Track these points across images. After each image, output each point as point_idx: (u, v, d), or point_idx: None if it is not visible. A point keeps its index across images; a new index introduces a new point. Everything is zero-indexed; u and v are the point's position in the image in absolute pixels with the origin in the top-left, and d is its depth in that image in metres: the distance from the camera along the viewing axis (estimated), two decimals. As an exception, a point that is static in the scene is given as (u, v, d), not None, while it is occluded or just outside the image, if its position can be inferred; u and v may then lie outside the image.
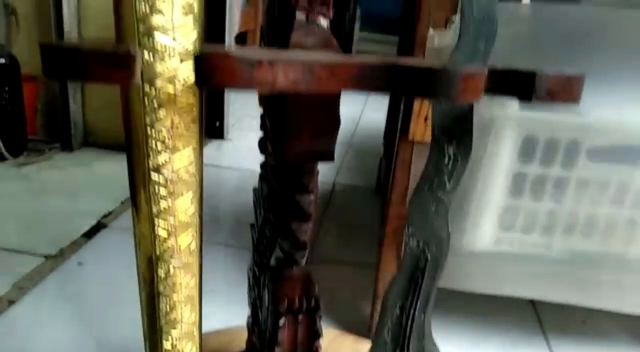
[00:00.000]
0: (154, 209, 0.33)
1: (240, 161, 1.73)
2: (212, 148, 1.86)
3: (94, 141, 1.70)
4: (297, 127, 0.40)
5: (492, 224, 0.78)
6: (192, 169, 0.34)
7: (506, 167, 0.75)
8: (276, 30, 0.44)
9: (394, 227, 0.76)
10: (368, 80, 0.33)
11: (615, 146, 0.73)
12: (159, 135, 0.31)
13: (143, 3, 0.29)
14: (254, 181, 0.57)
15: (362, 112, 2.49)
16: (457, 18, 0.66)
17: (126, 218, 1.24)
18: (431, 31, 0.66)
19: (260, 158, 0.52)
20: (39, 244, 1.09)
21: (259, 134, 0.52)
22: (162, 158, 0.32)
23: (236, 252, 1.16)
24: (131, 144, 0.32)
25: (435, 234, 0.41)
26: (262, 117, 0.51)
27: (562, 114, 0.70)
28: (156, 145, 0.32)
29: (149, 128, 0.31)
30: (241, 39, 2.17)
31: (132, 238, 0.37)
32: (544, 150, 0.73)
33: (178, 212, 0.33)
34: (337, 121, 0.42)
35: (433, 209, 0.40)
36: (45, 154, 1.59)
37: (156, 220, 0.33)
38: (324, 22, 0.41)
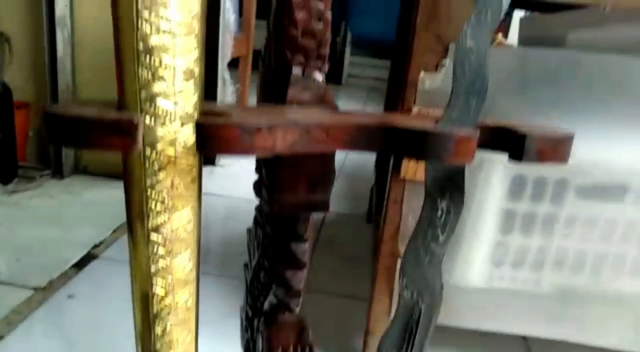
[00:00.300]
0: (152, 268, 0.33)
1: (232, 188, 1.73)
2: (203, 175, 1.85)
3: (84, 168, 1.69)
4: (293, 180, 0.41)
5: (483, 261, 0.79)
6: (190, 227, 0.34)
7: (496, 204, 0.76)
8: (272, 82, 0.45)
9: (386, 264, 0.77)
10: (363, 141, 0.34)
11: (603, 184, 0.75)
12: (158, 196, 0.32)
13: (146, 70, 0.30)
14: (246, 209, 0.57)
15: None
16: (447, 62, 0.67)
17: (117, 249, 1.23)
18: (422, 74, 0.68)
19: (251, 185, 0.52)
20: (28, 276, 1.08)
21: (251, 160, 0.52)
22: (161, 218, 0.32)
23: (227, 282, 1.16)
24: (131, 204, 0.33)
25: (429, 285, 0.42)
26: (258, 161, 0.52)
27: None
28: (155, 206, 0.32)
29: (149, 190, 0.32)
30: (234, 64, 2.20)
31: (122, 270, 0.36)
32: (533, 188, 0.75)
33: (176, 271, 0.34)
34: (332, 173, 0.43)
35: (426, 261, 0.41)
36: (36, 181, 1.58)
37: (154, 278, 0.33)
38: (319, 77, 0.42)
